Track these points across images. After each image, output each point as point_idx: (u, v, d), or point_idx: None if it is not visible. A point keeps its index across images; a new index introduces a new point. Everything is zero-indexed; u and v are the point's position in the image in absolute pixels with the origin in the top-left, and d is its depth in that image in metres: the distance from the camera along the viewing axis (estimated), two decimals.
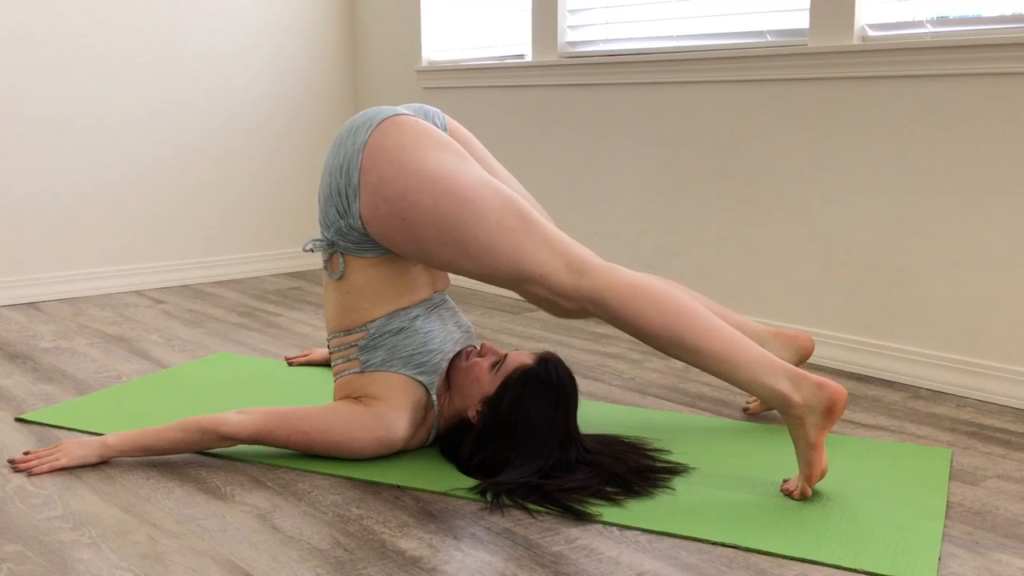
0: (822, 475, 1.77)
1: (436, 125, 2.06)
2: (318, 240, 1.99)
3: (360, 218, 1.88)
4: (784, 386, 1.75)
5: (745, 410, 2.30)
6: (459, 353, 2.00)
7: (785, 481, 1.81)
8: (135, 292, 3.77)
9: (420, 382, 1.94)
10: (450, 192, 1.82)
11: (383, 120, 1.91)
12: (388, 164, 1.85)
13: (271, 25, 4.07)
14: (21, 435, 2.14)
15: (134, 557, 1.57)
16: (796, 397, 1.74)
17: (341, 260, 1.95)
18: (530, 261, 1.83)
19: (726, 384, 2.55)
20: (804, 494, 1.76)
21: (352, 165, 1.88)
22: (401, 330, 1.95)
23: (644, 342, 1.84)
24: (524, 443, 1.83)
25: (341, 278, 1.96)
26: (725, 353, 1.78)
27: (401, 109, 1.98)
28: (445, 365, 1.97)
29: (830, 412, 1.73)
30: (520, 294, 1.92)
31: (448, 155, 1.88)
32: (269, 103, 4.10)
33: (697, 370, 2.68)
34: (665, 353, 1.84)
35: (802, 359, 2.22)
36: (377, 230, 1.88)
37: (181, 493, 1.82)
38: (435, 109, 2.10)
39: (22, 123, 3.51)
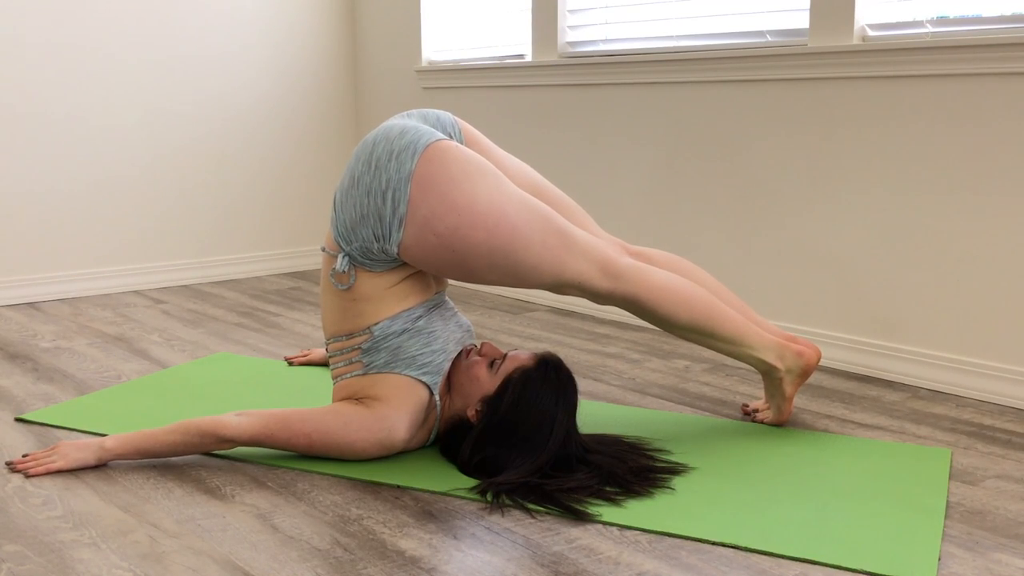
0: (788, 416, 2.21)
1: (452, 136, 2.08)
2: (339, 253, 1.93)
3: (399, 245, 1.88)
4: (771, 357, 2.13)
5: (745, 411, 2.30)
6: (459, 352, 2.01)
7: (746, 405, 2.26)
8: (135, 292, 3.78)
9: (424, 383, 1.94)
10: (501, 225, 1.89)
11: (428, 146, 1.89)
12: (439, 200, 1.87)
13: (271, 25, 4.07)
14: (21, 435, 2.14)
15: (134, 557, 1.57)
16: (780, 364, 2.14)
17: (353, 274, 1.93)
18: (571, 271, 1.97)
19: (726, 384, 2.55)
20: (768, 420, 2.21)
21: (399, 195, 1.86)
22: (404, 331, 1.94)
23: (667, 331, 2.11)
24: (524, 443, 1.83)
25: (348, 290, 1.95)
26: (734, 335, 2.10)
27: (436, 133, 1.94)
28: (448, 365, 1.97)
29: (805, 372, 2.17)
30: (560, 293, 2.06)
31: (490, 181, 1.92)
32: (269, 103, 4.10)
33: (697, 370, 2.68)
34: (680, 337, 2.11)
35: (806, 373, 2.20)
36: (418, 257, 1.90)
37: (181, 493, 1.82)
38: (447, 114, 2.11)
39: (22, 123, 3.51)
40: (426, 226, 1.86)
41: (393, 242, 1.88)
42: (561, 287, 2.00)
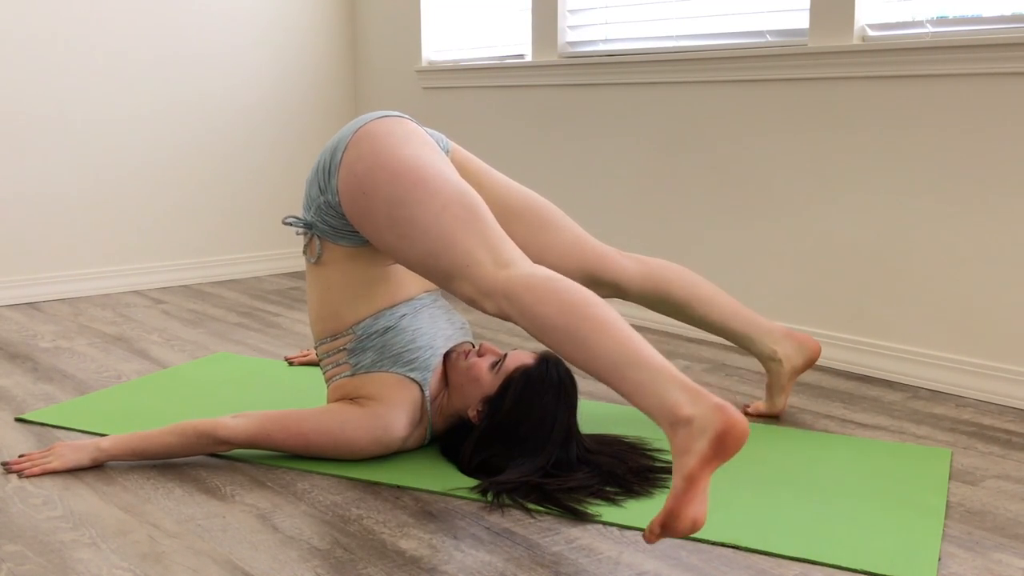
0: (691, 529, 1.42)
1: (440, 147, 2.10)
2: (297, 218, 2.01)
3: (336, 193, 1.90)
4: (675, 397, 1.48)
5: (746, 412, 2.30)
6: (456, 351, 2.01)
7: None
8: (135, 292, 3.77)
9: (413, 379, 1.94)
10: (408, 173, 1.84)
11: (384, 116, 1.96)
12: (368, 144, 1.89)
13: (271, 25, 4.07)
14: (21, 435, 2.14)
15: (134, 557, 1.57)
16: (686, 411, 1.45)
17: (318, 243, 1.97)
18: (461, 251, 1.76)
19: (726, 384, 2.55)
20: (650, 533, 1.45)
21: (340, 145, 1.93)
22: (388, 329, 1.95)
23: (542, 339, 1.66)
24: (525, 443, 1.83)
25: (318, 263, 1.98)
26: (618, 353, 1.55)
27: (407, 118, 2.02)
28: (436, 361, 1.98)
29: (721, 441, 1.42)
30: (453, 294, 1.82)
31: (428, 151, 1.91)
32: (269, 103, 4.10)
33: (697, 370, 2.68)
34: (565, 356, 1.64)
35: (809, 362, 2.25)
36: (346, 205, 1.90)
37: (181, 493, 1.82)
38: (440, 135, 2.13)
39: (22, 123, 3.51)
40: (350, 167, 1.89)
41: (332, 190, 1.91)
42: (452, 275, 1.77)
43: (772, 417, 2.27)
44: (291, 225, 2.02)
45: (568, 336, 1.60)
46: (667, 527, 1.42)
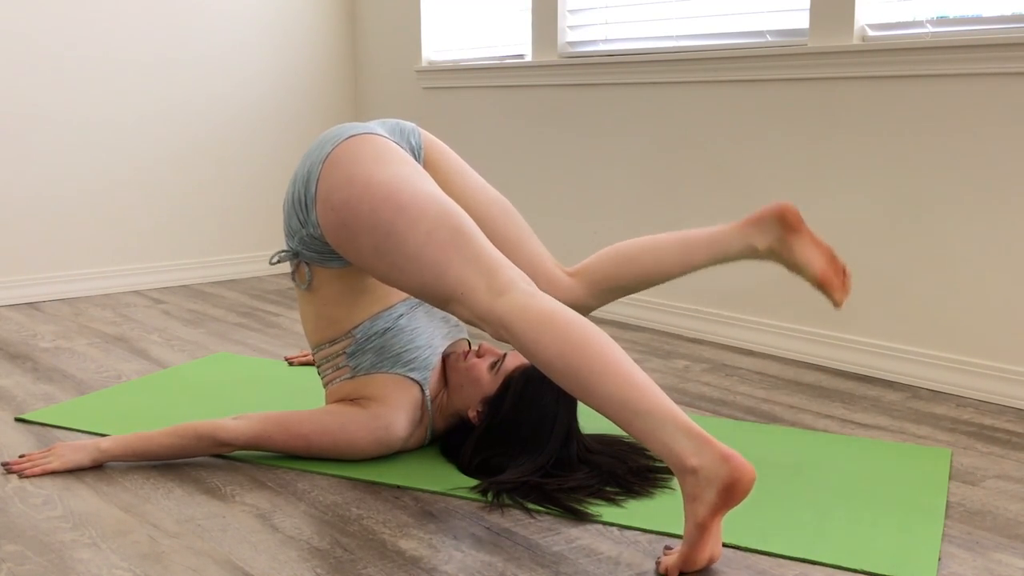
0: (708, 563, 1.50)
1: (411, 143, 2.05)
2: (283, 252, 1.98)
3: (318, 226, 1.86)
4: (681, 446, 1.48)
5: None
6: (455, 352, 2.01)
7: (666, 551, 1.55)
8: (135, 292, 3.77)
9: (413, 379, 1.94)
10: (388, 200, 1.77)
11: (351, 136, 1.88)
12: (341, 175, 1.82)
13: (271, 25, 4.07)
14: (21, 435, 2.13)
15: (134, 557, 1.57)
16: (693, 462, 1.47)
17: (307, 270, 1.94)
18: (454, 277, 1.71)
19: (726, 384, 2.55)
20: (667, 572, 1.50)
21: (311, 175, 1.86)
22: (387, 330, 1.95)
23: (549, 376, 1.62)
24: (525, 443, 1.83)
25: (309, 288, 1.95)
26: (622, 398, 1.52)
27: (375, 127, 1.96)
28: (435, 360, 1.97)
29: (729, 491, 1.45)
30: (452, 315, 1.81)
31: (398, 168, 1.83)
32: (269, 103, 4.10)
33: (697, 370, 2.68)
34: (571, 394, 1.61)
35: (789, 228, 2.00)
36: (330, 237, 1.85)
37: (181, 493, 1.82)
38: (411, 125, 2.08)
39: (22, 123, 3.51)
40: (326, 200, 1.83)
41: (312, 223, 1.87)
42: (447, 300, 1.74)
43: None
44: (282, 261, 2.00)
45: (569, 377, 1.57)
46: (686, 567, 1.50)
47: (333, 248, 1.87)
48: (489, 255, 1.73)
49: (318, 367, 2.03)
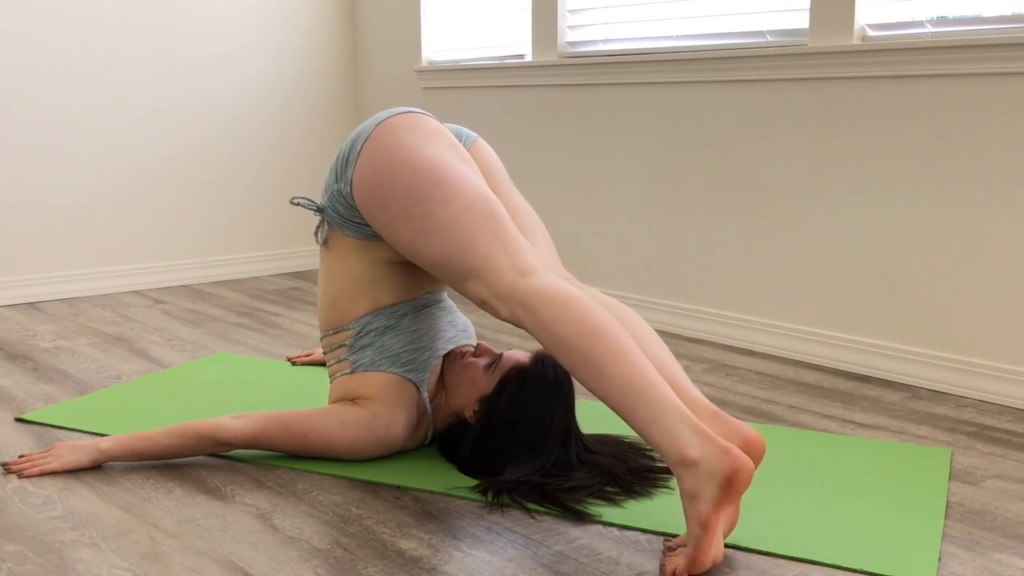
0: (713, 564, 1.49)
1: (462, 141, 2.08)
2: (309, 200, 2.01)
3: (350, 183, 1.90)
4: (684, 436, 1.48)
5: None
6: (454, 352, 2.01)
7: (667, 548, 1.54)
8: (135, 292, 3.77)
9: (410, 380, 1.94)
10: (430, 171, 1.82)
11: (410, 111, 1.95)
12: (390, 138, 1.88)
13: (271, 26, 4.07)
14: (21, 435, 2.14)
15: (134, 557, 1.57)
16: (693, 454, 1.46)
17: (326, 228, 1.98)
18: (481, 253, 1.74)
19: (726, 384, 2.55)
20: (678, 568, 1.48)
21: (360, 136, 1.92)
22: (387, 328, 1.95)
23: (555, 355, 1.65)
24: (523, 442, 1.83)
25: (325, 245, 1.99)
26: (631, 384, 1.54)
27: (431, 116, 2.01)
28: (435, 363, 1.98)
29: (729, 484, 1.45)
30: (464, 294, 1.79)
31: (453, 152, 1.90)
32: (269, 103, 4.10)
33: (697, 370, 2.68)
34: (577, 378, 1.62)
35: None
36: (359, 196, 1.88)
37: (181, 493, 1.82)
38: (468, 130, 2.13)
39: (22, 124, 3.51)
40: (368, 159, 1.87)
41: (346, 179, 1.91)
42: (468, 275, 1.75)
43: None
44: (298, 204, 2.03)
45: (583, 360, 1.59)
46: (692, 569, 1.49)
47: (359, 207, 1.89)
48: (518, 240, 1.77)
49: (324, 355, 2.05)
